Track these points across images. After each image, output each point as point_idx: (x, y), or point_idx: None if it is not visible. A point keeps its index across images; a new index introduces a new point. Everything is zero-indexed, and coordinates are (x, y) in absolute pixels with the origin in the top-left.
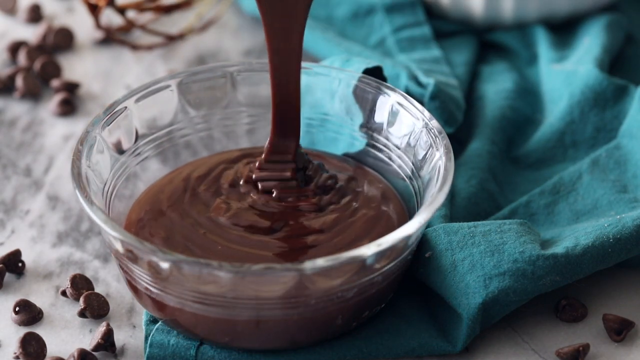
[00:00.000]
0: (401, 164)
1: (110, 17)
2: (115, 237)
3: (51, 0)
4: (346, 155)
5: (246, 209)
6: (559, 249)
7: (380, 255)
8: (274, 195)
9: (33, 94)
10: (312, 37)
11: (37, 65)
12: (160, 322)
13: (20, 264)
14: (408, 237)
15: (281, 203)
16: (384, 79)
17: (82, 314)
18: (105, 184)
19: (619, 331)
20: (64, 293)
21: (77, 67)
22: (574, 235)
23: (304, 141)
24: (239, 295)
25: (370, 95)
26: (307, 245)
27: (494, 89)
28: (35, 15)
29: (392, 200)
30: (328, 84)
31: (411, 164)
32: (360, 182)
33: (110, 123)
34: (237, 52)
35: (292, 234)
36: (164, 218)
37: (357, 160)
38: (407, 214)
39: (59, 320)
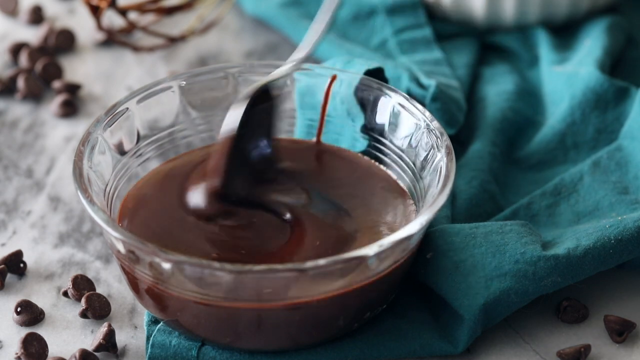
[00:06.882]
0: (402, 165)
1: (112, 19)
2: (117, 238)
3: (53, 2)
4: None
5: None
6: (560, 250)
7: (382, 256)
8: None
9: (34, 96)
10: None
11: (39, 66)
12: (161, 323)
13: (21, 265)
14: (409, 238)
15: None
16: (385, 80)
17: (83, 314)
18: (106, 185)
19: (621, 332)
20: (65, 294)
21: (78, 68)
22: (575, 237)
23: None
24: (240, 295)
25: (372, 96)
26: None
27: (495, 90)
28: (37, 16)
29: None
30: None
31: (412, 165)
32: (370, 183)
33: (112, 124)
34: (239, 54)
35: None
36: (144, 220)
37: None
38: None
39: (60, 320)
